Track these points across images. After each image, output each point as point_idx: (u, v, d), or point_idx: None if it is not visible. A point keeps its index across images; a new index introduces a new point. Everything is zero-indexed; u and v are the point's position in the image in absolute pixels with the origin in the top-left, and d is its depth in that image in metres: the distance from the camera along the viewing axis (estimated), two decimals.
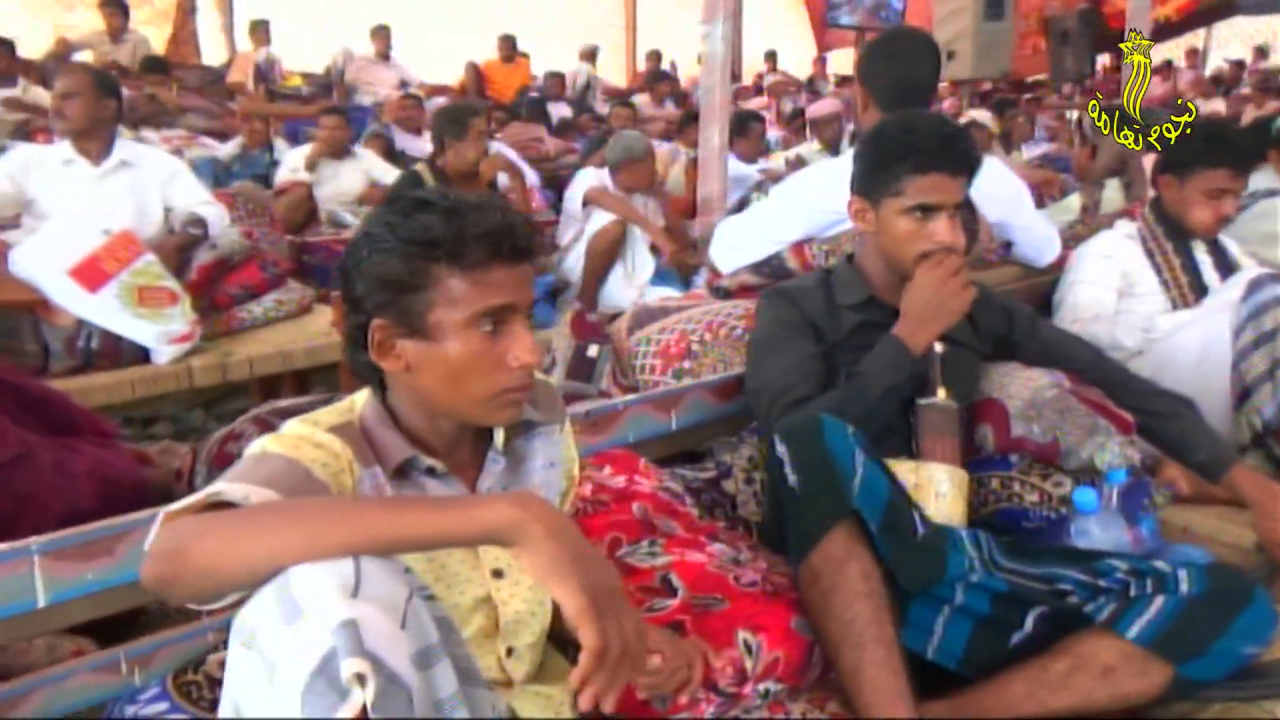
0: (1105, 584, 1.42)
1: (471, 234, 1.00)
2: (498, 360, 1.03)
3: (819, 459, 1.26)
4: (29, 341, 2.91)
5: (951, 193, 1.63)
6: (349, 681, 0.75)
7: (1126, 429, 1.71)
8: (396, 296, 1.02)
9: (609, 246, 3.98)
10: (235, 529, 0.86)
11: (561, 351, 2.27)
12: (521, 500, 0.88)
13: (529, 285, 1.05)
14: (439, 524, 0.87)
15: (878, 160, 1.67)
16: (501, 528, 0.86)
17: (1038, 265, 2.63)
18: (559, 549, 0.86)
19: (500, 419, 1.07)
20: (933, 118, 1.70)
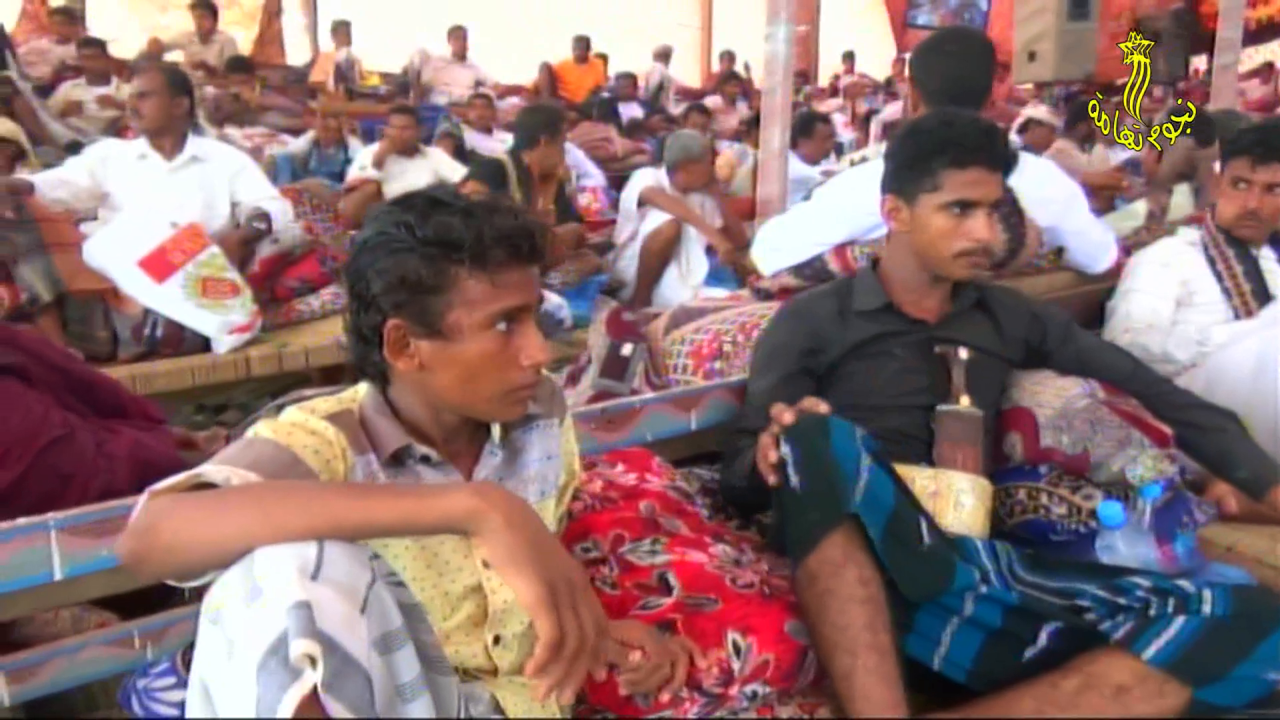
0: (1125, 602, 1.37)
1: (492, 236, 1.02)
2: (511, 359, 1.06)
3: (822, 460, 1.24)
4: (100, 328, 3.05)
5: (990, 188, 1.60)
6: (298, 661, 0.77)
7: (1163, 442, 1.65)
8: (415, 297, 1.03)
9: (663, 246, 3.98)
10: (204, 510, 0.89)
11: (596, 349, 2.29)
12: (481, 490, 0.90)
13: (538, 285, 1.09)
14: (399, 510, 0.89)
15: (915, 155, 1.64)
16: (460, 516, 0.88)
17: (1092, 272, 2.55)
18: (516, 538, 0.87)
19: (509, 415, 1.10)
20: (970, 114, 1.67)
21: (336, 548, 0.85)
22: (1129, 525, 1.54)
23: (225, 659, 0.81)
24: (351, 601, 0.82)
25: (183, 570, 0.90)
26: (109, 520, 1.19)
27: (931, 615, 1.34)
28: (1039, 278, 2.48)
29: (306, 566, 0.82)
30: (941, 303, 1.73)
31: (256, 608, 0.80)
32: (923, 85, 2.33)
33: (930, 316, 1.71)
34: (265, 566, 0.83)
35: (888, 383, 1.66)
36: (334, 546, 0.85)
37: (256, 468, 0.95)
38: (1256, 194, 2.28)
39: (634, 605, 1.24)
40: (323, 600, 0.80)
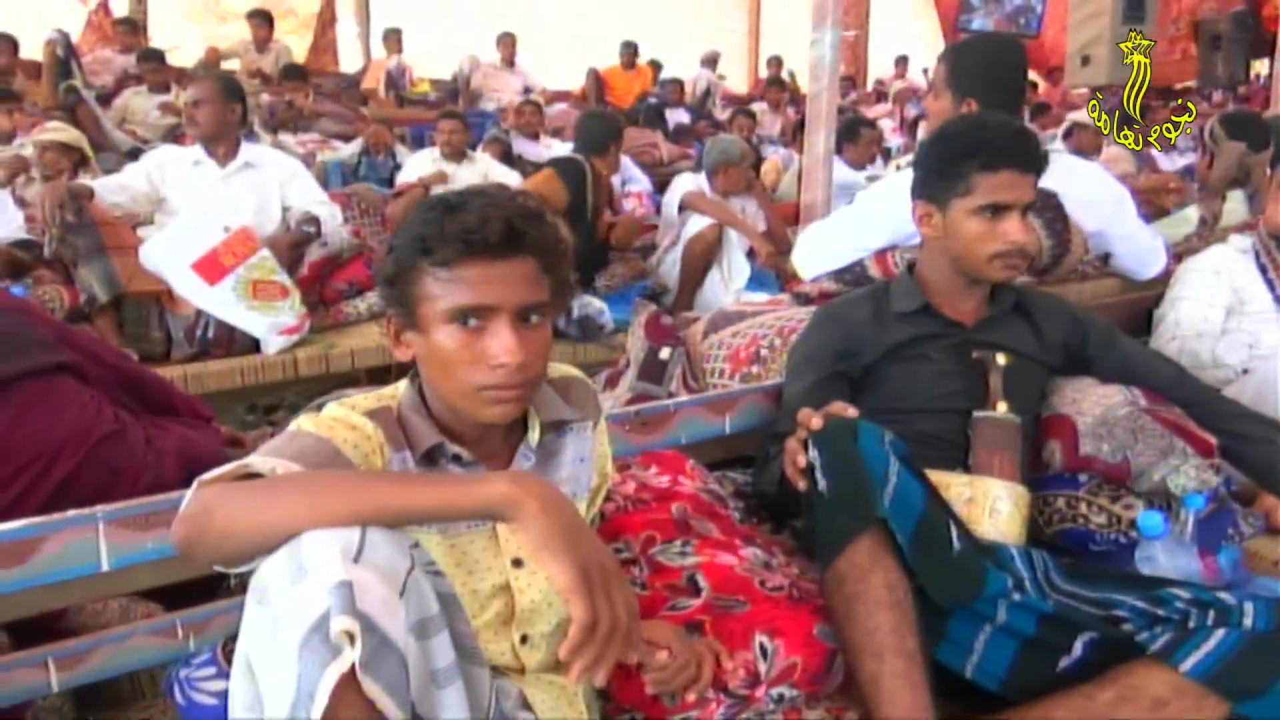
0: (1163, 613, 1.34)
1: (446, 231, 1.03)
2: (479, 358, 1.05)
3: (850, 464, 1.24)
4: (155, 329, 3.13)
5: (1023, 191, 1.59)
6: (338, 638, 0.79)
7: (1207, 452, 1.62)
8: (393, 290, 1.08)
9: (705, 250, 3.99)
10: (254, 497, 0.92)
11: (634, 352, 2.30)
12: (519, 478, 0.92)
13: (519, 284, 1.05)
14: (439, 496, 0.91)
15: (945, 160, 1.63)
16: (497, 502, 0.90)
17: (1140, 278, 2.50)
18: (552, 524, 0.89)
19: (489, 415, 1.08)
20: (1000, 116, 1.65)
21: (379, 534, 0.88)
22: (1170, 536, 1.52)
23: (270, 637, 0.84)
24: (391, 585, 0.84)
25: (234, 555, 0.93)
26: (155, 514, 1.23)
27: (964, 622, 1.33)
28: (1084, 284, 2.45)
29: (350, 549, 0.85)
30: (979, 306, 1.71)
31: (301, 587, 0.83)
32: (954, 85, 2.31)
33: (968, 319, 1.70)
34: (311, 548, 0.86)
35: (924, 386, 1.65)
36: (376, 532, 0.88)
37: (300, 459, 0.98)
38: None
39: (663, 606, 1.25)
40: (364, 581, 0.82)
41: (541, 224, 1.10)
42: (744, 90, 11.17)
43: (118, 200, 3.32)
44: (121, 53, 7.40)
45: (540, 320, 1.10)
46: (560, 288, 1.15)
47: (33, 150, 4.60)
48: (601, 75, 9.63)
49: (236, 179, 3.43)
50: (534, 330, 1.09)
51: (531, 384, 1.10)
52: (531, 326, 1.08)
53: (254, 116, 6.90)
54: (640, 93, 9.56)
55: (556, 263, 1.12)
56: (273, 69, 7.76)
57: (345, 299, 3.44)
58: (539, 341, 1.09)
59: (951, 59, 2.39)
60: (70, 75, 6.51)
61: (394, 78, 8.52)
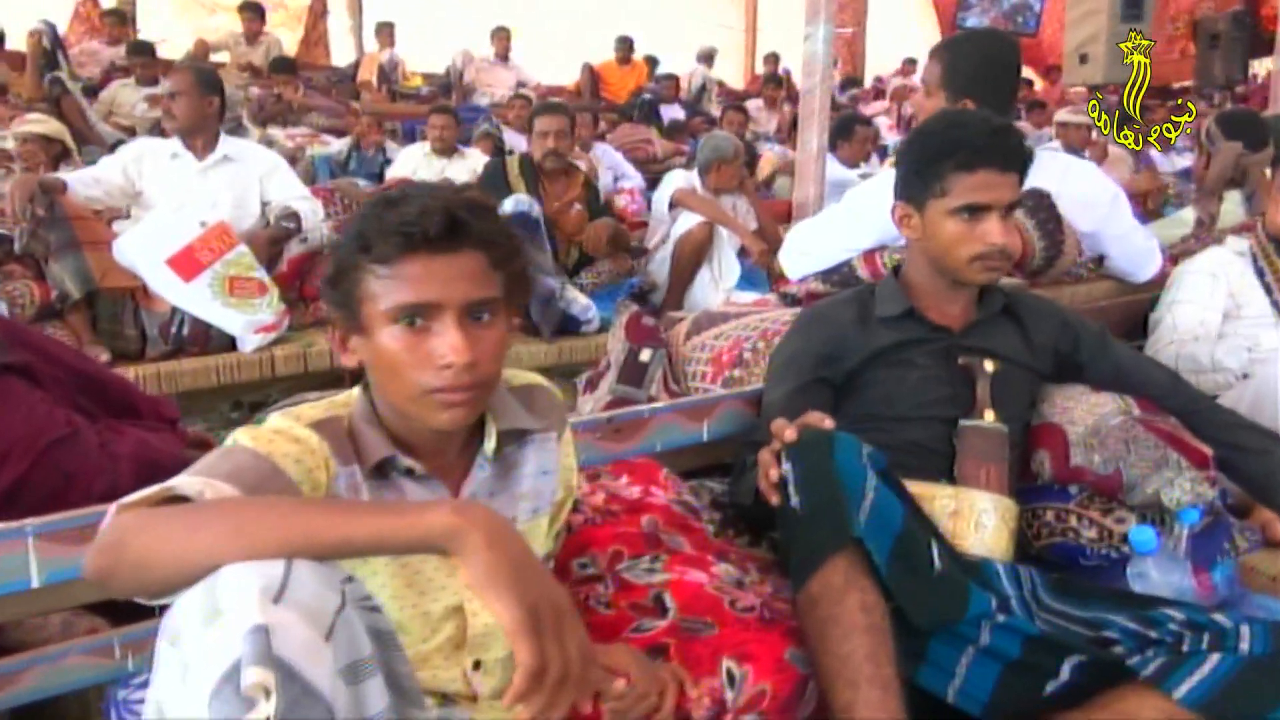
0: (1156, 635, 1.28)
1: (385, 226, 0.97)
2: (424, 359, 0.99)
3: (824, 480, 1.17)
4: (129, 326, 3.06)
5: (1002, 191, 1.52)
6: (251, 690, 0.73)
7: (1202, 464, 1.55)
8: (336, 290, 1.02)
9: (695, 249, 3.92)
10: (174, 525, 0.85)
11: (615, 354, 2.23)
12: (463, 508, 0.85)
13: (464, 279, 0.99)
14: (376, 528, 0.84)
15: (922, 159, 1.57)
16: (438, 534, 0.83)
17: (1135, 280, 2.44)
18: (498, 558, 0.82)
19: (439, 421, 1.01)
20: (979, 113, 1.59)
21: (306, 568, 0.81)
22: (1163, 552, 1.45)
23: (180, 683, 0.77)
24: (317, 626, 0.77)
25: (152, 588, 0.86)
26: (89, 527, 1.16)
27: (945, 644, 1.26)
28: (1078, 286, 2.39)
29: (270, 587, 0.77)
30: (966, 310, 1.65)
31: (214, 630, 0.76)
32: (949, 84, 2.24)
33: (954, 324, 1.63)
34: (227, 586, 0.78)
35: (909, 393, 1.59)
36: (303, 567, 0.81)
37: (234, 479, 0.92)
38: None
39: (627, 627, 1.18)
40: (284, 624, 0.75)
41: (488, 216, 1.03)
42: (740, 86, 11.09)
43: (93, 194, 3.24)
44: (109, 44, 7.31)
45: (492, 318, 1.04)
46: (514, 283, 1.09)
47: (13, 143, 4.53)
48: (596, 70, 9.55)
49: (215, 172, 3.36)
50: (484, 328, 1.02)
51: (484, 386, 1.04)
52: (481, 324, 1.02)
53: (242, 110, 6.85)
54: (635, 88, 9.48)
55: (507, 256, 1.06)
56: (263, 62, 7.68)
57: None
58: (490, 340, 1.03)
59: (946, 57, 2.32)
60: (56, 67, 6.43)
61: (386, 72, 8.44)
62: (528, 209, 3.42)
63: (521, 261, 1.11)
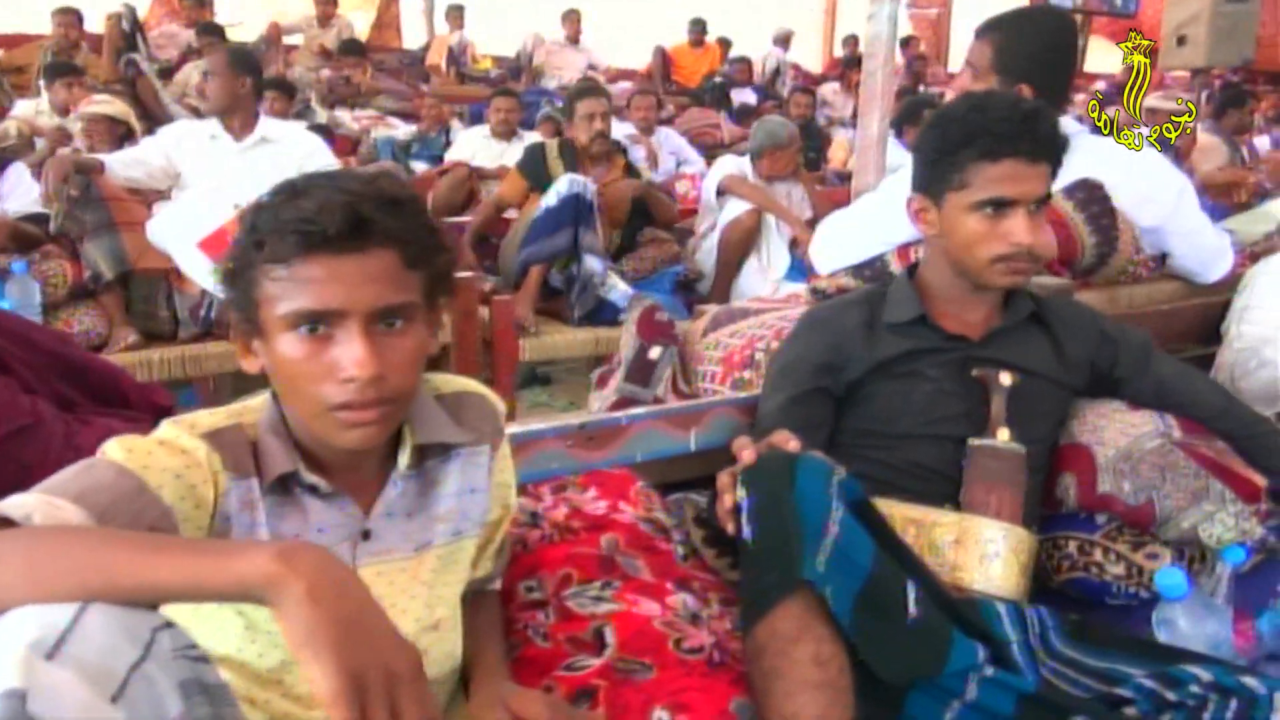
0: (1175, 697, 1.12)
1: (280, 222, 0.87)
2: (325, 371, 0.89)
3: (780, 512, 1.03)
4: (162, 308, 3.06)
5: (1030, 184, 1.35)
6: None
7: (1252, 496, 1.36)
8: (234, 290, 0.92)
9: (743, 237, 3.77)
10: None
11: (625, 351, 2.11)
12: (288, 552, 0.73)
13: (371, 283, 0.88)
14: (187, 571, 0.73)
15: (941, 147, 1.40)
16: (255, 582, 0.72)
17: (1202, 280, 2.21)
18: (319, 615, 0.70)
19: (345, 440, 0.91)
20: (1004, 97, 1.41)
21: (102, 615, 0.70)
22: (1196, 597, 1.27)
23: None
24: (99, 686, 0.67)
25: None
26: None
27: (927, 696, 1.11)
28: (1136, 288, 2.17)
29: (45, 640, 0.67)
30: (987, 317, 1.48)
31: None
32: (1002, 67, 2.05)
33: (972, 332, 1.46)
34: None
35: (916, 408, 1.43)
36: (100, 613, 0.70)
37: (83, 499, 0.82)
38: None
39: (559, 664, 1.07)
40: (52, 686, 0.65)
41: (401, 210, 0.92)
42: (817, 70, 10.79)
43: (133, 174, 3.25)
44: (188, 27, 7.44)
45: (406, 325, 0.93)
46: (437, 284, 0.98)
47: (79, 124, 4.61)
48: (668, 53, 9.40)
49: (253, 154, 3.34)
50: (397, 336, 0.92)
51: (395, 401, 0.93)
52: (394, 332, 0.92)
53: (311, 92, 6.90)
54: (708, 72, 9.30)
55: (427, 255, 0.95)
56: (334, 45, 7.73)
57: None
58: (404, 350, 0.92)
59: (998, 38, 2.13)
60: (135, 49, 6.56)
61: (455, 54, 8.43)
62: (581, 190, 3.30)
63: (446, 259, 1.00)
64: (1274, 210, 2.72)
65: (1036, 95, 2.06)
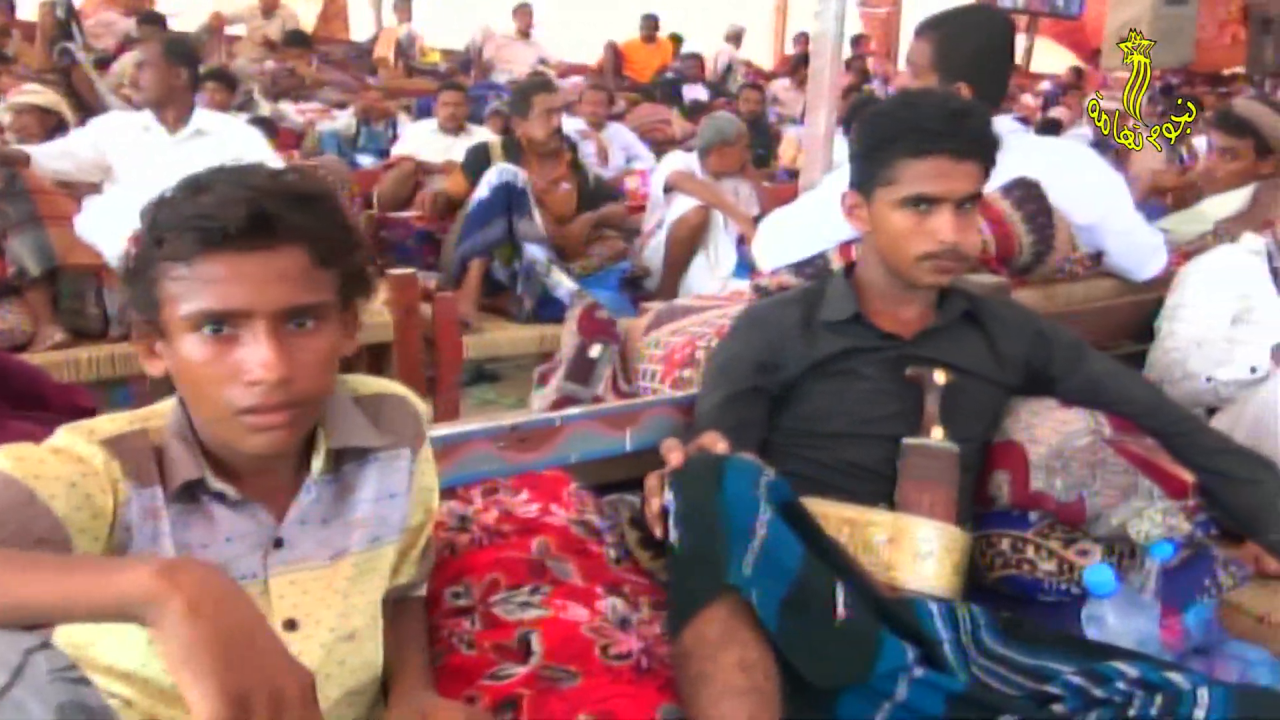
0: (1102, 694, 1.12)
1: (181, 218, 0.85)
2: (230, 373, 0.86)
3: (705, 516, 1.02)
4: (91, 305, 2.96)
5: (956, 181, 1.35)
6: None
7: (1179, 492, 1.38)
8: (134, 290, 0.89)
9: (690, 234, 3.76)
10: None
11: (566, 350, 2.09)
12: (171, 569, 0.69)
13: (278, 282, 0.86)
14: (63, 589, 0.69)
15: (871, 143, 1.40)
16: (133, 599, 0.68)
17: (1136, 278, 2.24)
18: (199, 633, 0.66)
19: (252, 445, 0.88)
20: (935, 93, 1.42)
21: None
22: (1123, 594, 1.28)
23: None
24: None
25: None
26: None
27: (858, 698, 1.11)
28: (1074, 286, 2.19)
29: None
30: (922, 315, 1.48)
31: None
32: (942, 66, 2.06)
33: (907, 331, 1.46)
34: None
35: (850, 407, 1.42)
36: None
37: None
38: None
39: (483, 673, 1.04)
40: None
41: (310, 207, 0.89)
42: (769, 67, 10.83)
43: (61, 167, 3.14)
44: (125, 15, 7.25)
45: (318, 325, 0.90)
46: (352, 283, 0.95)
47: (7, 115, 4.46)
48: (620, 49, 9.37)
49: (188, 146, 3.24)
50: (307, 337, 0.89)
51: (305, 404, 0.90)
52: (304, 333, 0.89)
53: (255, 84, 6.76)
54: (659, 67, 9.29)
55: (340, 252, 0.92)
56: (279, 36, 7.59)
57: None
58: (315, 351, 0.90)
59: (937, 37, 2.14)
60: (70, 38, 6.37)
61: (404, 47, 8.32)
62: (512, 178, 3.27)
63: (361, 256, 0.97)
64: (1207, 211, 2.77)
65: (975, 94, 2.07)
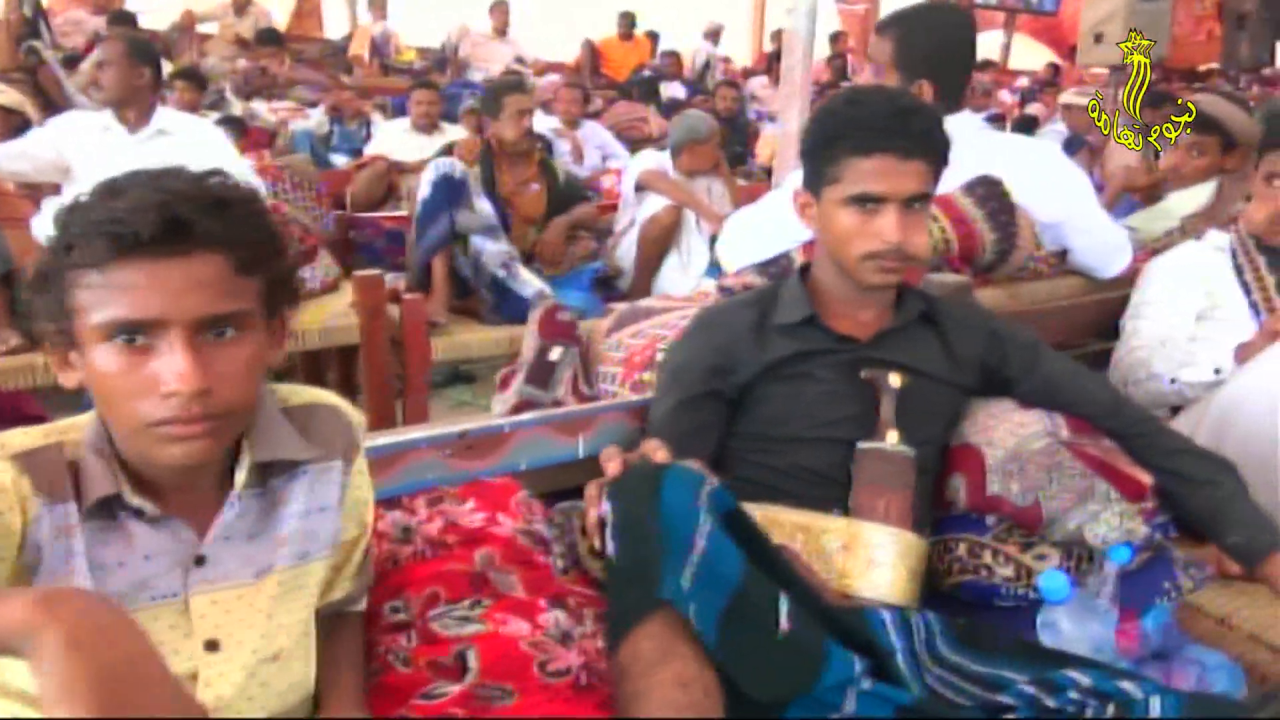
0: (1054, 704, 1.10)
1: (91, 223, 0.81)
2: (146, 385, 0.83)
3: (641, 527, 0.99)
4: None
5: (901, 180, 1.33)
6: None
7: (1137, 495, 1.36)
8: (44, 299, 0.85)
9: (661, 233, 3.73)
10: None
11: (526, 353, 2.06)
12: (50, 597, 0.66)
13: (195, 290, 0.83)
14: None
15: (817, 141, 1.38)
16: (12, 632, 0.65)
17: (1101, 276, 2.23)
18: (79, 668, 0.63)
19: (169, 457, 0.85)
20: (883, 91, 1.39)
21: None
22: (1078, 599, 1.27)
23: None
24: None
25: None
26: None
27: (805, 712, 1.08)
28: (1039, 284, 2.18)
29: None
30: (879, 317, 1.45)
31: None
32: (903, 64, 2.05)
33: (863, 333, 1.44)
34: None
35: (805, 411, 1.40)
36: None
37: None
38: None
39: (417, 691, 1.01)
40: None
41: (229, 212, 0.86)
42: (748, 64, 10.81)
43: (18, 168, 3.09)
44: (94, 14, 7.17)
45: (240, 334, 0.87)
46: (277, 291, 0.93)
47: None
48: (597, 47, 9.33)
49: (148, 147, 3.19)
50: (228, 347, 0.87)
51: (226, 416, 0.87)
52: (224, 342, 0.86)
53: (226, 83, 6.69)
54: (637, 65, 9.26)
55: (262, 257, 0.89)
56: (251, 34, 7.52)
57: None
58: (236, 361, 0.87)
59: (898, 34, 2.12)
60: (37, 36, 6.29)
61: (378, 45, 8.26)
62: (449, 170, 3.23)
63: (286, 262, 0.94)
64: (1173, 207, 2.76)
65: (936, 91, 2.06)
